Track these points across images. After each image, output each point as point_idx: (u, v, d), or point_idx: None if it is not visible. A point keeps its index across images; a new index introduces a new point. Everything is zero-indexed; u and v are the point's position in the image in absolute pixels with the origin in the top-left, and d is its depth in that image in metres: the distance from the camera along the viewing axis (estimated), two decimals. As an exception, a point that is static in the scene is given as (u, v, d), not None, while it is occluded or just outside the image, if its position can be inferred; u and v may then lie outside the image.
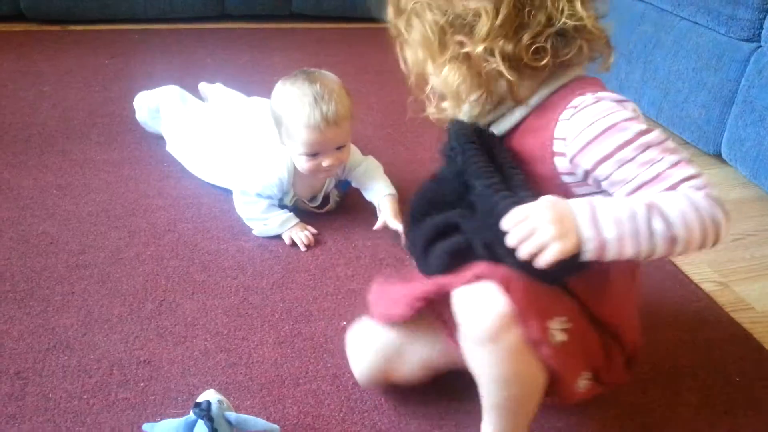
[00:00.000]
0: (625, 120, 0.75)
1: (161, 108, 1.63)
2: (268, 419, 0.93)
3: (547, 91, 0.81)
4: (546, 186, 0.80)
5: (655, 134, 0.74)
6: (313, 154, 1.30)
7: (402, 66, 0.86)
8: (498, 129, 0.86)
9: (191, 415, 0.85)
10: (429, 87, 0.85)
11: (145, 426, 0.89)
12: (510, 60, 0.75)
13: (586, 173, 0.78)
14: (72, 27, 2.42)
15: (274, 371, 1.06)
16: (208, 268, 1.27)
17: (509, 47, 0.75)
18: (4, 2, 2.36)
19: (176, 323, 1.14)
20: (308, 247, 1.35)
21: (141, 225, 1.38)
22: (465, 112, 0.87)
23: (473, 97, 0.83)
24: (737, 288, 1.33)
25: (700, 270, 1.37)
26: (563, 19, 0.75)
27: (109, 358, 1.06)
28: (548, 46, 0.75)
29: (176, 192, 1.50)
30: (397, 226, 1.36)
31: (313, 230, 1.39)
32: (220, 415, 0.85)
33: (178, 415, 0.89)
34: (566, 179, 0.81)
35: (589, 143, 0.75)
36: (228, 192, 1.44)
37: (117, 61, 2.18)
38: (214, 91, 1.75)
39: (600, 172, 0.75)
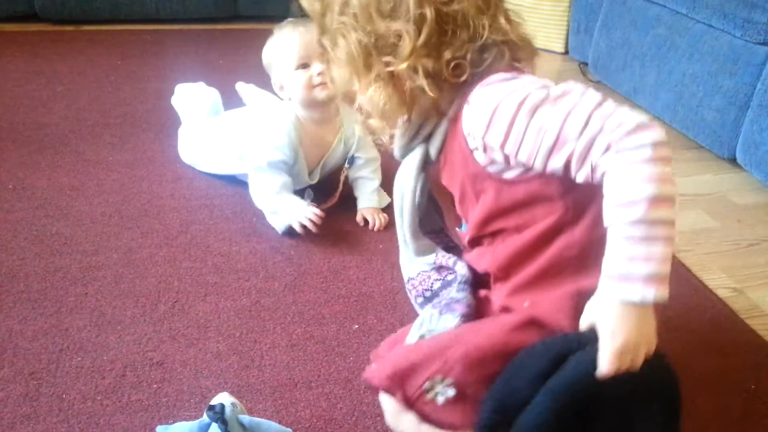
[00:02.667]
0: (509, 93, 0.73)
1: (188, 111, 1.66)
2: (280, 422, 0.93)
3: (455, 108, 0.80)
4: (480, 183, 0.80)
5: (537, 93, 0.72)
6: (304, 66, 1.35)
7: (329, 84, 0.88)
8: (433, 147, 0.85)
9: (205, 418, 0.85)
10: (356, 104, 0.85)
11: (159, 428, 0.89)
12: (432, 77, 0.76)
13: (505, 158, 0.76)
14: (85, 27, 2.43)
15: (287, 374, 1.06)
16: (221, 269, 1.27)
17: (430, 64, 0.75)
18: (20, 2, 2.38)
19: (189, 325, 1.14)
20: (317, 226, 1.35)
21: (154, 226, 1.38)
22: (396, 142, 0.88)
23: (399, 118, 0.84)
24: (752, 294, 1.32)
25: (715, 276, 1.36)
26: (486, 35, 0.76)
27: (122, 359, 1.06)
28: (467, 61, 0.76)
29: (189, 193, 1.50)
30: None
31: (318, 212, 1.36)
32: (233, 418, 0.85)
33: (190, 418, 0.89)
34: (492, 169, 0.79)
35: (486, 130, 0.74)
36: (241, 193, 1.44)
37: (130, 61, 2.19)
38: (249, 91, 1.76)
39: (509, 151, 0.74)
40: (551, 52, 2.63)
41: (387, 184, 1.51)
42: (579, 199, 0.76)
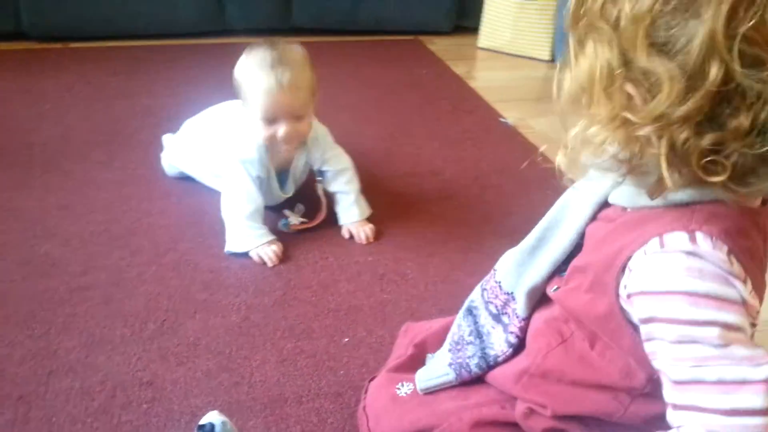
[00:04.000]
0: (691, 294, 0.57)
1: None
2: (270, 440, 0.93)
3: (680, 197, 0.60)
4: (600, 289, 0.66)
5: (717, 332, 0.56)
6: (269, 121, 1.31)
7: (554, 90, 0.64)
8: (615, 199, 0.69)
9: (194, 438, 0.85)
10: (572, 131, 0.63)
11: (148, 449, 0.89)
12: (676, 153, 0.55)
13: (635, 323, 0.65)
14: (73, 44, 2.44)
15: (277, 390, 1.06)
16: (210, 286, 1.28)
17: (682, 137, 0.54)
18: (6, 20, 2.38)
19: (178, 343, 1.14)
20: (275, 263, 1.35)
21: (143, 244, 1.38)
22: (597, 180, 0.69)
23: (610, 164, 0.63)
24: None
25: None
26: None
27: (111, 380, 1.06)
28: (729, 163, 0.54)
29: (178, 210, 1.50)
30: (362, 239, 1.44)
31: (280, 248, 1.37)
32: (222, 437, 0.85)
33: (180, 438, 0.89)
34: (622, 304, 0.65)
35: (641, 293, 0.61)
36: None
37: (119, 78, 2.19)
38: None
39: (641, 328, 0.63)
40: (538, 60, 2.64)
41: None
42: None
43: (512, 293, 0.81)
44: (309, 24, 2.66)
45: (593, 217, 0.71)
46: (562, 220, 0.76)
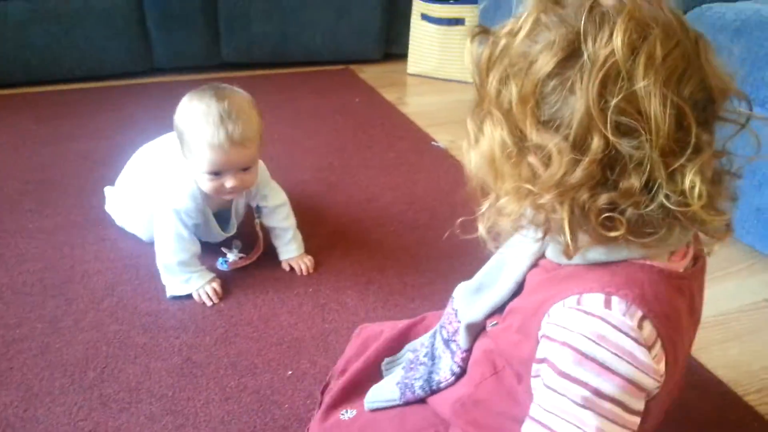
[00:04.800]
0: (581, 352, 0.60)
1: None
2: (217, 479, 0.93)
3: (595, 256, 0.64)
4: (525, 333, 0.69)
5: (584, 394, 0.60)
6: (216, 174, 1.26)
7: (465, 168, 0.68)
8: (550, 253, 0.72)
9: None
10: (485, 205, 0.67)
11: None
12: (575, 215, 0.59)
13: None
14: (-3, 92, 2.39)
15: (222, 428, 1.06)
16: (150, 329, 1.27)
17: (580, 201, 0.58)
18: (-76, 71, 2.32)
19: (120, 389, 1.13)
20: (215, 302, 1.35)
21: (79, 291, 1.36)
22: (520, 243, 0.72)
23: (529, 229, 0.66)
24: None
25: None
26: (661, 198, 0.56)
27: (52, 432, 1.04)
28: (625, 218, 0.58)
29: (113, 254, 1.49)
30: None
31: (219, 285, 1.37)
32: (167, 481, 0.85)
33: (125, 486, 0.88)
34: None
35: (546, 337, 0.64)
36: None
37: (46, 123, 2.16)
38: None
39: (533, 366, 0.67)
40: (466, 83, 2.70)
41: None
42: None
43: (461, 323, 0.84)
44: (237, 59, 2.68)
45: (534, 264, 0.74)
46: (503, 267, 0.79)
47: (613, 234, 0.58)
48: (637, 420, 0.62)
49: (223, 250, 1.47)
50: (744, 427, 1.13)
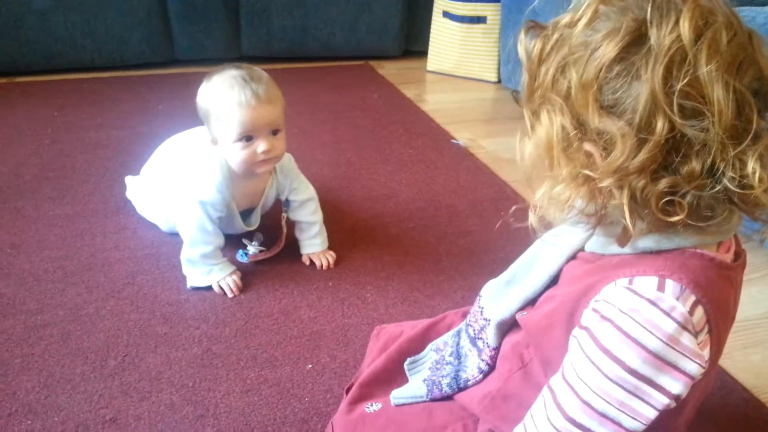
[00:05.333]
0: (630, 337, 0.60)
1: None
2: (238, 471, 0.93)
3: (648, 244, 0.64)
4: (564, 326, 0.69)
5: (643, 386, 0.60)
6: (248, 138, 1.26)
7: (518, 158, 0.69)
8: (590, 245, 0.72)
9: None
10: (539, 193, 0.68)
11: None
12: (636, 200, 0.59)
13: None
14: (19, 79, 2.40)
15: (243, 420, 1.06)
16: (170, 319, 1.27)
17: (641, 185, 0.58)
18: (-52, 57, 2.34)
19: (140, 378, 1.13)
20: (235, 293, 1.35)
21: (99, 279, 1.37)
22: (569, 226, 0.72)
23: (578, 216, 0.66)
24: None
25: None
26: (724, 181, 0.56)
27: (74, 419, 1.04)
28: (686, 202, 0.58)
29: (133, 243, 1.49)
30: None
31: (240, 278, 1.37)
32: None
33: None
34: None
35: (594, 310, 0.64)
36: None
37: (67, 112, 2.17)
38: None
39: (574, 330, 0.67)
40: (486, 82, 2.71)
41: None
42: None
43: (489, 320, 0.84)
44: (258, 52, 2.68)
45: (572, 257, 0.74)
46: (537, 260, 0.79)
47: (673, 219, 0.58)
48: (668, 402, 0.61)
49: (244, 242, 1.47)
50: (767, 434, 1.12)
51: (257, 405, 1.09)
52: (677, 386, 0.60)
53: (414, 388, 0.90)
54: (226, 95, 1.25)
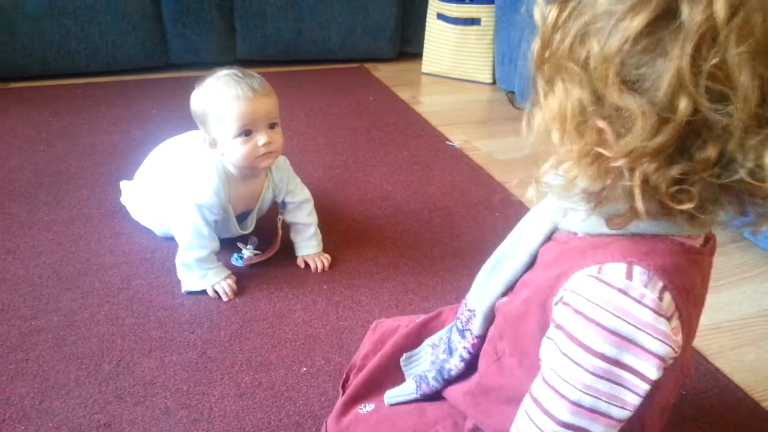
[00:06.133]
0: (615, 332, 0.60)
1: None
2: (232, 475, 0.93)
3: (633, 229, 0.63)
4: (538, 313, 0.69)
5: (626, 374, 0.61)
6: (247, 133, 1.27)
7: (523, 127, 0.65)
8: (565, 222, 0.71)
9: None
10: (544, 167, 0.64)
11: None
12: (647, 184, 0.56)
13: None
14: (13, 85, 2.40)
15: (237, 424, 1.06)
16: (165, 324, 1.27)
17: (652, 169, 0.56)
18: (-58, 63, 2.33)
19: (135, 383, 1.13)
20: (230, 297, 1.35)
21: (94, 285, 1.37)
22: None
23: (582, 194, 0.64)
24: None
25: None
26: (738, 171, 0.54)
27: (68, 424, 1.04)
28: (696, 191, 0.56)
29: (128, 248, 1.49)
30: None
31: (234, 281, 1.37)
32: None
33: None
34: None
35: (564, 303, 0.64)
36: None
37: (61, 117, 2.17)
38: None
39: (549, 329, 0.66)
40: (480, 83, 2.71)
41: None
42: None
43: (474, 311, 0.84)
44: (252, 56, 2.68)
45: (548, 238, 0.74)
46: (519, 242, 0.79)
47: (681, 207, 0.56)
48: (648, 387, 0.62)
49: (239, 245, 1.47)
50: (761, 432, 1.12)
51: (252, 408, 1.09)
52: (653, 371, 0.61)
53: (405, 386, 0.90)
54: (222, 92, 1.26)
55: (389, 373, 0.96)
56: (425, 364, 0.94)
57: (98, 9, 2.41)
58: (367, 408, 0.91)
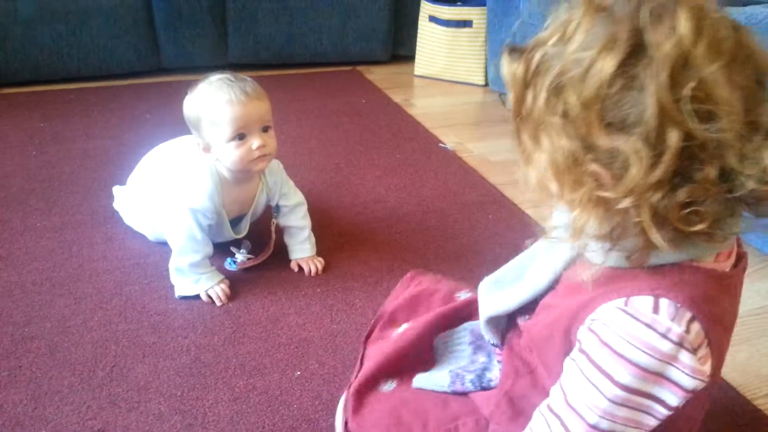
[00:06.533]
0: (639, 365, 0.60)
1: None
2: (227, 480, 0.93)
3: (654, 260, 0.62)
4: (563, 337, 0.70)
5: (646, 402, 0.62)
6: (241, 137, 1.27)
7: (521, 186, 0.66)
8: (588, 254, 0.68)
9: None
10: (554, 221, 0.66)
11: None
12: (657, 216, 0.56)
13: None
14: (4, 90, 2.39)
15: (231, 429, 1.06)
16: (158, 329, 1.27)
17: (658, 199, 0.55)
18: (-67, 69, 2.33)
19: (128, 388, 1.13)
20: (223, 302, 1.35)
21: (87, 291, 1.36)
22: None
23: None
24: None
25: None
26: (743, 180, 0.55)
27: (62, 431, 1.04)
28: (706, 210, 0.56)
29: (121, 254, 1.49)
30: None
31: (228, 286, 1.37)
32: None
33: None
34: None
35: (591, 332, 0.64)
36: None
37: (53, 122, 2.16)
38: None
39: (573, 352, 0.67)
40: (473, 85, 2.72)
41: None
42: None
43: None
44: (245, 60, 2.68)
45: (573, 261, 0.73)
46: (533, 261, 0.79)
47: (695, 228, 0.56)
48: (669, 413, 0.63)
49: (232, 250, 1.47)
50: (754, 431, 1.13)
51: (246, 413, 1.09)
52: (676, 400, 0.62)
53: (438, 376, 0.90)
54: (215, 96, 1.27)
55: (418, 352, 0.95)
56: (463, 349, 0.93)
57: (90, 14, 2.41)
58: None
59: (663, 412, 0.62)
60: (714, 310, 0.62)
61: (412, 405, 0.88)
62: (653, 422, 0.63)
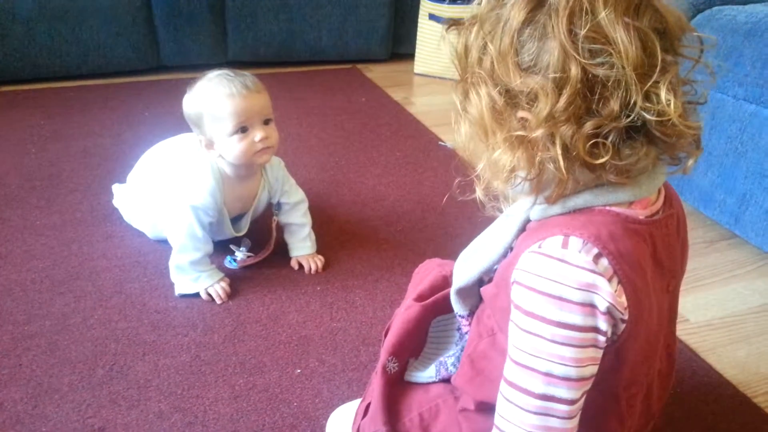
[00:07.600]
0: (564, 298, 0.64)
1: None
2: (227, 478, 0.93)
3: (574, 203, 0.69)
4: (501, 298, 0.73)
5: (588, 335, 0.64)
6: (243, 129, 1.28)
7: (456, 140, 0.75)
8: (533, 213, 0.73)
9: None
10: (480, 167, 0.73)
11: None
12: (568, 150, 0.63)
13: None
14: (4, 88, 2.39)
15: (231, 427, 1.06)
16: (158, 327, 1.27)
17: (569, 133, 0.62)
18: (-68, 67, 2.33)
19: (128, 387, 1.13)
20: (224, 300, 1.35)
21: (87, 289, 1.36)
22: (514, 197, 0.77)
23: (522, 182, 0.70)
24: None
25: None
26: (639, 111, 0.61)
27: (62, 429, 1.04)
28: (609, 142, 0.62)
29: (121, 252, 1.49)
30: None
31: (228, 284, 1.37)
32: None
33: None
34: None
35: (515, 282, 0.68)
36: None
37: (53, 120, 2.16)
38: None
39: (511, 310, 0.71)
40: (472, 82, 2.71)
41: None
42: None
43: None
44: (244, 57, 2.68)
45: (522, 230, 0.77)
46: (495, 229, 0.82)
47: (599, 161, 0.63)
48: (605, 339, 0.65)
49: (232, 248, 1.47)
50: (753, 429, 1.13)
51: (246, 411, 1.09)
52: (604, 324, 0.64)
53: (427, 371, 0.93)
54: (216, 91, 1.27)
55: (418, 333, 0.97)
56: (451, 336, 0.96)
57: (89, 12, 2.40)
58: (392, 366, 0.93)
59: (600, 338, 0.64)
60: (620, 248, 0.65)
61: (401, 391, 0.92)
62: (599, 353, 0.66)
